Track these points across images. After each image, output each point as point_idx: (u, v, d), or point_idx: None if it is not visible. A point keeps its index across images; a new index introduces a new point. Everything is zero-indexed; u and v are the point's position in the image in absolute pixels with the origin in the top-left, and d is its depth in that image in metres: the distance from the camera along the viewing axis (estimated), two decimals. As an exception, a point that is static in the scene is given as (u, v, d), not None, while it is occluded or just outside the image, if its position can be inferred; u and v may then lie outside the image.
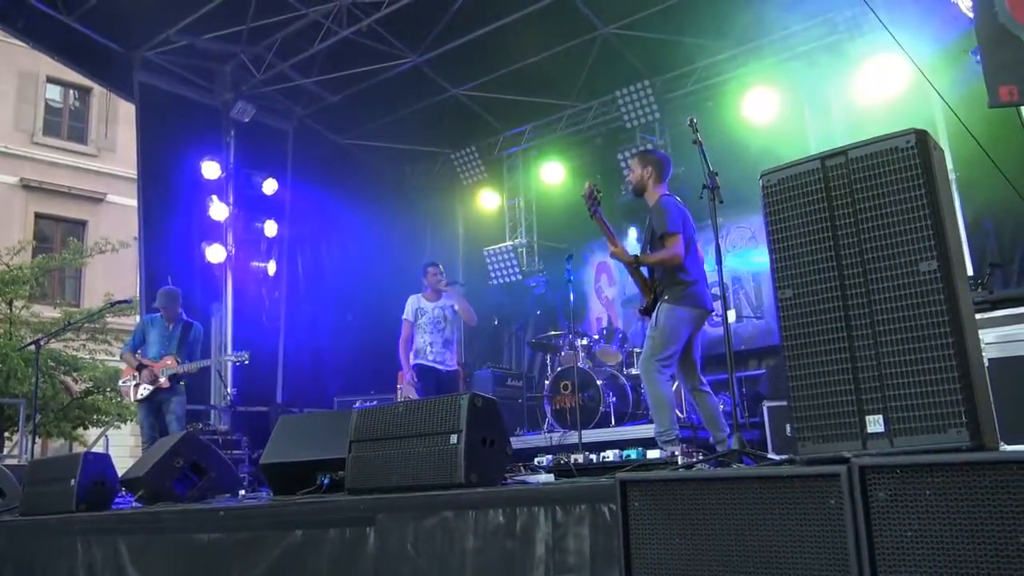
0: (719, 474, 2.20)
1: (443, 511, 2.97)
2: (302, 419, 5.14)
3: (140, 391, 7.31)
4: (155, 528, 4.08)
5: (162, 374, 7.28)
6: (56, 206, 20.51)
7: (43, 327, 13.66)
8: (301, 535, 3.38)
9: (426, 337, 7.28)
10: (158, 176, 9.64)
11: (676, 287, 4.80)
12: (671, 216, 4.84)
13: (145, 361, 7.40)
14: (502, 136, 11.26)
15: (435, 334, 7.29)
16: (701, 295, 4.84)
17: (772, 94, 8.88)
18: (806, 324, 2.22)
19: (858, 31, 8.21)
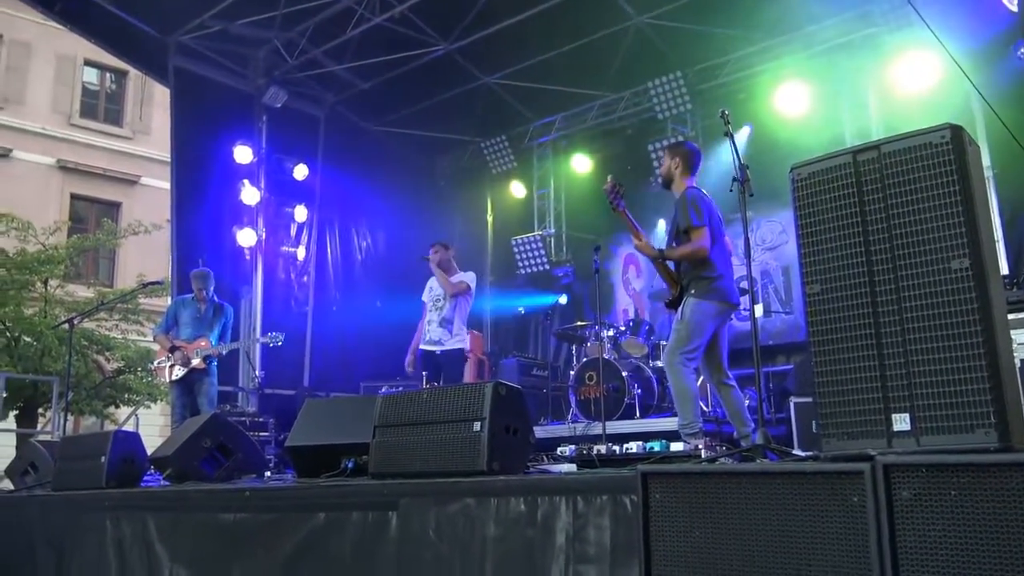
0: (742, 468, 2.19)
1: (465, 498, 2.99)
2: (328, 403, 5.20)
3: (175, 372, 7.41)
4: (182, 506, 4.14)
5: (196, 355, 7.37)
6: (91, 187, 20.80)
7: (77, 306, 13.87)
8: (324, 518, 3.42)
9: (427, 317, 7.15)
10: (191, 160, 9.75)
11: (702, 281, 4.73)
12: (697, 209, 4.75)
13: (178, 343, 7.49)
14: (532, 125, 11.24)
15: (433, 312, 7.12)
16: (727, 289, 4.76)
17: (805, 87, 8.77)
18: (834, 320, 2.19)
19: (895, 24, 8.09)
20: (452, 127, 11.44)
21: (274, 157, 10.53)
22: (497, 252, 11.93)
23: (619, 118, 10.51)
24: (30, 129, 20.01)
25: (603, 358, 7.51)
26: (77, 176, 20.53)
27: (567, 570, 2.66)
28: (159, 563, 4.02)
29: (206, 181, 9.82)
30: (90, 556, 4.47)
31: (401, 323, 11.14)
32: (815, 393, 2.22)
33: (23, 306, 13.99)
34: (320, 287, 10.98)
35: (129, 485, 4.91)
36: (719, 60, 9.50)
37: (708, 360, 4.83)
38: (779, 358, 8.93)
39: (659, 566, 2.22)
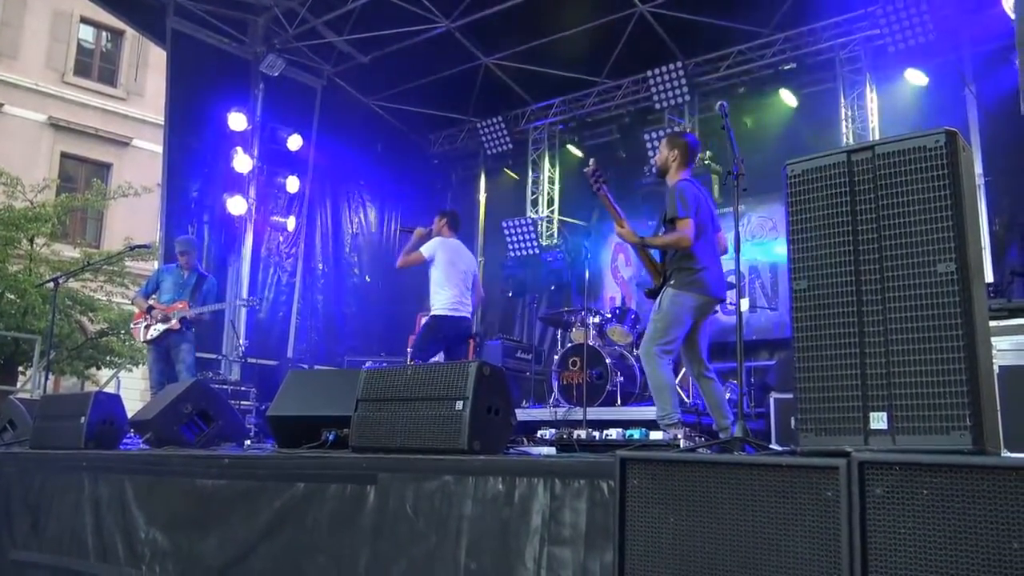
0: (720, 459, 2.21)
1: (444, 475, 3.01)
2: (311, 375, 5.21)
3: (151, 332, 7.36)
4: (161, 471, 4.15)
5: (173, 316, 7.32)
6: (82, 147, 20.62)
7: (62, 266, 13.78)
8: (303, 488, 3.43)
9: None
10: (185, 124, 9.68)
11: (682, 272, 4.71)
12: (683, 200, 4.70)
13: (157, 305, 7.45)
14: (530, 108, 11.22)
15: None
16: (707, 282, 4.72)
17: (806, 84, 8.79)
18: (818, 316, 2.21)
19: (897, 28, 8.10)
20: (449, 105, 11.39)
21: (269, 126, 10.48)
22: (488, 234, 11.92)
23: (616, 106, 10.50)
24: (22, 84, 19.79)
25: (588, 344, 7.54)
26: (68, 134, 20.34)
27: (541, 551, 2.69)
28: (135, 525, 4.03)
29: (199, 146, 9.76)
30: (66, 516, 4.48)
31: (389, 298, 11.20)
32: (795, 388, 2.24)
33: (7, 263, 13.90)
34: (308, 259, 10.96)
35: (108, 447, 4.91)
36: (721, 52, 9.50)
37: (688, 352, 4.82)
38: (762, 353, 8.98)
39: (633, 551, 2.24)
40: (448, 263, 6.35)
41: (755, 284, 9.27)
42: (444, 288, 6.31)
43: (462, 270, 6.42)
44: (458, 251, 6.50)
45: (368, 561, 3.12)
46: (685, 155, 4.97)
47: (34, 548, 4.62)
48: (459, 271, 6.39)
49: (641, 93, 10.08)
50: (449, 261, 6.36)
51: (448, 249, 6.41)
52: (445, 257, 6.36)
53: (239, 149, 10.01)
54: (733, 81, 9.49)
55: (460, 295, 6.35)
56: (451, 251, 6.42)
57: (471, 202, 12.13)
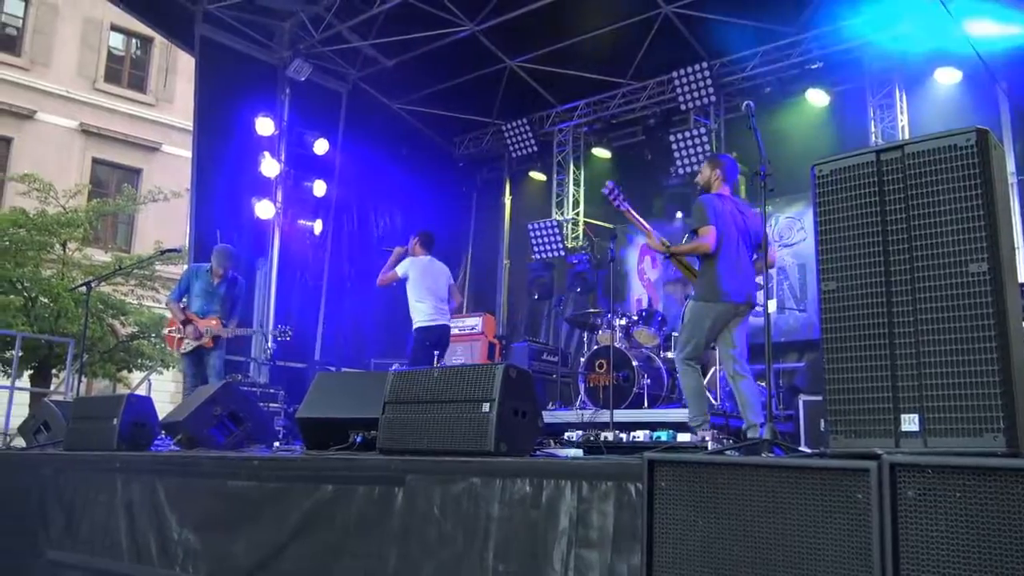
0: (749, 461, 2.20)
1: (471, 477, 3.02)
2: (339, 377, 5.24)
3: (184, 345, 7.49)
4: (192, 472, 4.20)
5: (207, 333, 7.45)
6: (113, 152, 20.92)
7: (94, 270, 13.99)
8: (332, 490, 3.46)
9: None
10: (213, 129, 9.78)
11: (700, 280, 4.95)
12: (702, 211, 4.93)
13: (191, 316, 7.54)
14: (555, 111, 11.22)
15: None
16: (723, 289, 4.85)
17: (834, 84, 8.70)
18: (847, 317, 2.20)
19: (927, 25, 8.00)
20: (474, 108, 11.42)
21: (295, 130, 10.55)
22: (513, 236, 11.94)
23: (642, 107, 10.47)
24: (55, 91, 20.11)
25: (614, 346, 7.52)
26: (99, 140, 20.65)
27: (569, 553, 2.69)
28: (168, 526, 4.09)
29: (227, 151, 9.85)
30: (100, 516, 4.54)
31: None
32: (825, 390, 2.23)
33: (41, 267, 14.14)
34: (335, 263, 11.02)
35: (140, 448, 4.97)
36: (746, 53, 9.43)
37: (722, 351, 5.04)
38: (791, 355, 8.92)
39: (661, 553, 2.24)
40: (419, 280, 7.23)
41: (783, 285, 9.21)
42: (420, 302, 7.20)
43: (432, 284, 7.26)
44: (427, 268, 7.31)
45: (396, 563, 3.14)
46: (725, 173, 5.23)
47: (69, 548, 4.70)
48: (429, 286, 7.23)
49: (667, 94, 10.05)
50: (419, 278, 7.23)
51: (417, 267, 7.26)
52: (415, 275, 7.24)
53: (266, 154, 10.10)
54: (759, 81, 9.43)
55: (435, 306, 7.21)
56: (420, 269, 7.26)
57: (496, 205, 12.16)
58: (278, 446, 5.22)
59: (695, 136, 9.37)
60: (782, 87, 9.23)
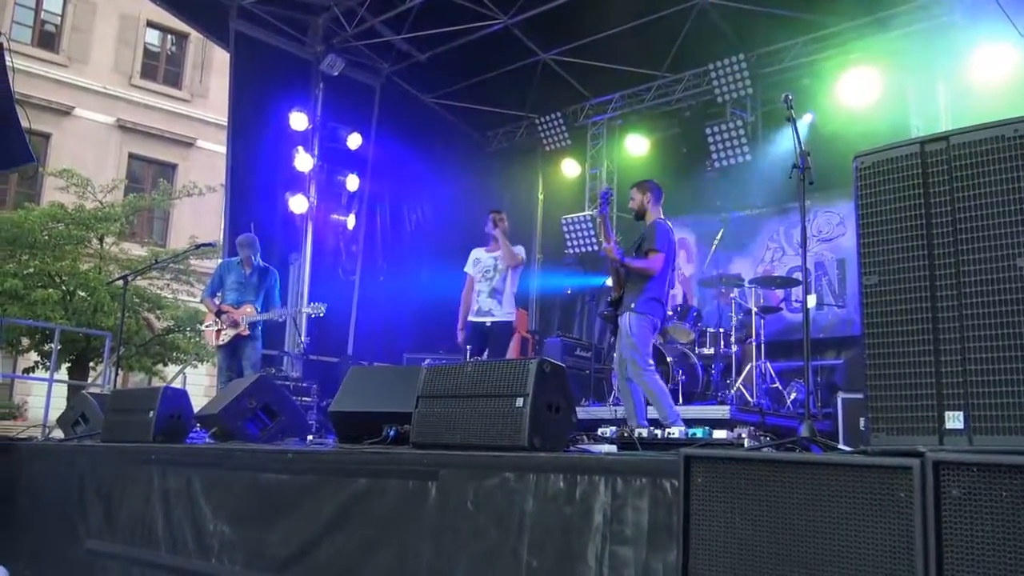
0: (787, 457, 2.18)
1: (505, 472, 3.02)
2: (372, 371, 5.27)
3: (221, 336, 7.59)
4: (227, 464, 4.26)
5: (242, 321, 7.52)
6: (149, 148, 21.26)
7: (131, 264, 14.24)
8: (365, 483, 3.48)
9: (477, 287, 7.09)
10: (247, 124, 9.90)
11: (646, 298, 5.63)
12: (661, 237, 5.68)
13: (224, 307, 7.64)
14: (588, 104, 11.18)
15: (483, 283, 7.06)
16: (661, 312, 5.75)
17: (872, 74, 8.56)
18: (890, 312, 2.17)
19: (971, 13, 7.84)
20: (507, 102, 11.42)
21: (329, 125, 10.64)
22: (546, 230, 11.93)
23: (677, 100, 10.40)
24: (92, 88, 20.48)
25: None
26: (135, 136, 20.99)
27: (603, 550, 2.68)
28: (203, 518, 4.15)
29: (261, 146, 9.96)
30: (137, 507, 4.63)
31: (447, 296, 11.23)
32: (866, 386, 2.20)
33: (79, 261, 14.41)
34: (368, 257, 11.10)
35: (175, 440, 5.05)
36: (784, 44, 9.32)
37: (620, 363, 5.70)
38: (829, 352, 8.82)
39: (697, 550, 2.23)
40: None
41: (821, 281, 9.11)
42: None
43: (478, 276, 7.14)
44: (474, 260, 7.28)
45: (430, 557, 3.16)
46: (656, 196, 5.94)
47: (107, 538, 4.79)
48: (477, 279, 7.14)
49: (703, 86, 9.96)
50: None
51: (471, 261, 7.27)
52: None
53: (300, 148, 10.20)
54: (798, 72, 9.31)
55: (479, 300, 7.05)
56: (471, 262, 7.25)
57: (529, 199, 12.16)
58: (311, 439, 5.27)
59: (732, 129, 9.28)
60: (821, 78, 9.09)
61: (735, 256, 9.75)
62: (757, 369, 7.57)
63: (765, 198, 9.61)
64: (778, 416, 7.18)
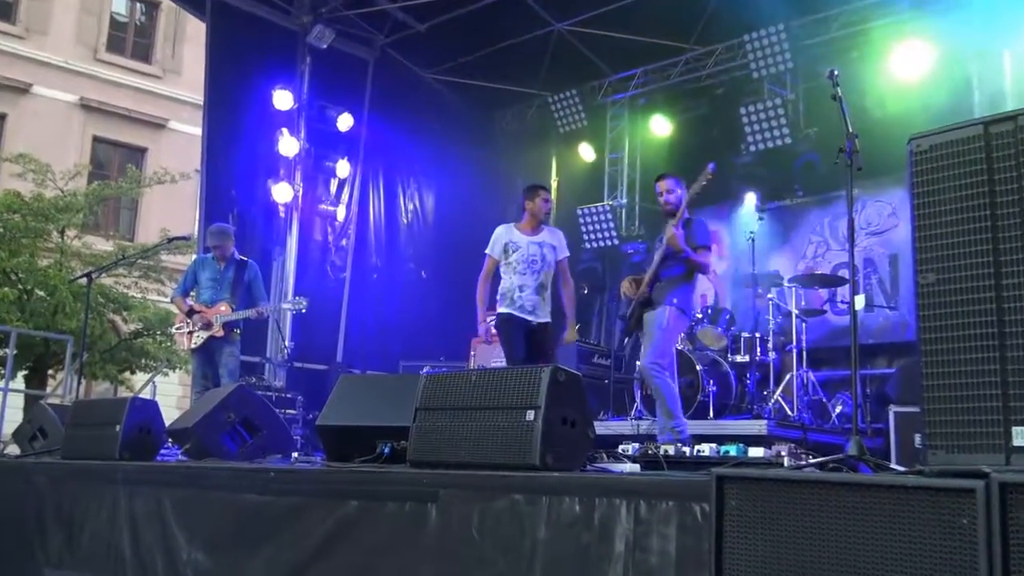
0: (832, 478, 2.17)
1: (513, 494, 3.02)
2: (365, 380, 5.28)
3: (194, 339, 7.57)
4: (201, 484, 4.26)
5: (215, 321, 7.50)
6: (115, 130, 21.34)
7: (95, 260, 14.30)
8: (357, 506, 3.48)
9: (515, 279, 6.45)
10: (226, 103, 9.92)
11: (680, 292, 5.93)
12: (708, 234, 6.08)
13: (196, 306, 7.64)
14: (608, 80, 11.17)
15: (528, 275, 6.45)
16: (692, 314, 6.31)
17: (929, 47, 8.51)
18: (949, 315, 2.15)
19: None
20: (517, 78, 11.42)
21: (316, 104, 10.66)
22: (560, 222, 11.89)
23: (708, 75, 10.38)
24: (52, 63, 20.56)
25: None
26: (100, 117, 21.07)
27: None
28: (176, 544, 4.16)
29: (241, 128, 9.99)
30: (102, 531, 4.64)
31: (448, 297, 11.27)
32: (921, 399, 2.19)
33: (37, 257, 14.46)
34: (360, 252, 11.12)
35: (144, 458, 5.06)
36: (829, 12, 9.28)
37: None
38: (879, 360, 8.79)
39: (730, 583, 2.22)
40: None
41: (871, 279, 9.07)
42: None
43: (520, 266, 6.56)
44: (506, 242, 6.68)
45: (429, 588, 3.16)
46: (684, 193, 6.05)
47: (68, 566, 4.80)
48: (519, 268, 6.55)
49: (736, 61, 9.94)
50: None
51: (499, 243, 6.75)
52: None
53: (285, 130, 10.22)
54: (845, 44, 9.27)
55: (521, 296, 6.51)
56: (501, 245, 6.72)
57: (541, 187, 12.14)
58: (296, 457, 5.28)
59: (769, 108, 9.26)
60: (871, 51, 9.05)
61: (773, 252, 9.72)
62: (798, 379, 7.55)
63: (807, 186, 9.59)
64: (822, 432, 7.16)
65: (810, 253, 9.70)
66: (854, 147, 4.08)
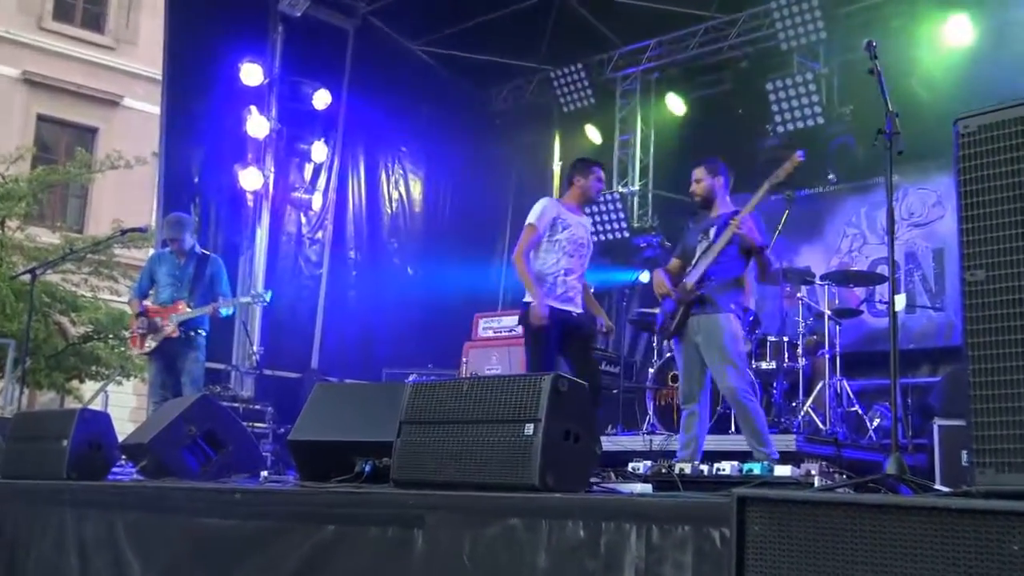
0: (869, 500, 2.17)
1: (510, 518, 3.02)
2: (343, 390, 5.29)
3: (148, 342, 7.56)
4: (159, 507, 4.26)
5: (171, 321, 7.47)
6: (63, 108, 21.30)
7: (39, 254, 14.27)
8: (333, 531, 3.48)
9: (563, 260, 6.16)
10: (187, 78, 9.92)
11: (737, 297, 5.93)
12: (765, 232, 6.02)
13: (151, 307, 7.63)
14: (617, 53, 11.18)
15: (576, 259, 6.23)
16: None
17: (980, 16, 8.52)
18: (1000, 317, 2.15)
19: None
20: (515, 51, 11.43)
21: (289, 80, 10.65)
22: (563, 213, 11.93)
23: (730, 47, 10.39)
24: (-9, 33, 20.51)
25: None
26: (46, 93, 21.04)
27: (635, 616, 2.68)
28: (130, 573, 4.15)
29: (204, 106, 9.98)
30: (48, 558, 4.64)
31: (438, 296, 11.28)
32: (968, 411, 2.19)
33: (-26, 251, 14.44)
34: (338, 246, 11.12)
35: (95, 477, 5.06)
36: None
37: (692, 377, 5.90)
38: (922, 367, 8.81)
39: (753, 617, 2.22)
40: None
41: (913, 276, 9.08)
42: None
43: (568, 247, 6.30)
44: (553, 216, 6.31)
45: (415, 624, 3.16)
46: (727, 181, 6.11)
47: (9, 598, 4.81)
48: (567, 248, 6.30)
49: (762, 31, 9.96)
50: None
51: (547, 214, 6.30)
52: None
53: (253, 109, 10.21)
54: (886, 11, 9.28)
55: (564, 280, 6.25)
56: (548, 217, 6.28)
57: (542, 172, 12.17)
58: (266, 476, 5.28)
59: (800, 84, 9.27)
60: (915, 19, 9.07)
61: (803, 245, 9.73)
62: (831, 388, 7.55)
63: (842, 172, 9.58)
64: (857, 448, 7.17)
65: (845, 247, 9.72)
66: (894, 128, 4.09)
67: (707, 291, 5.75)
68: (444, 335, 10.43)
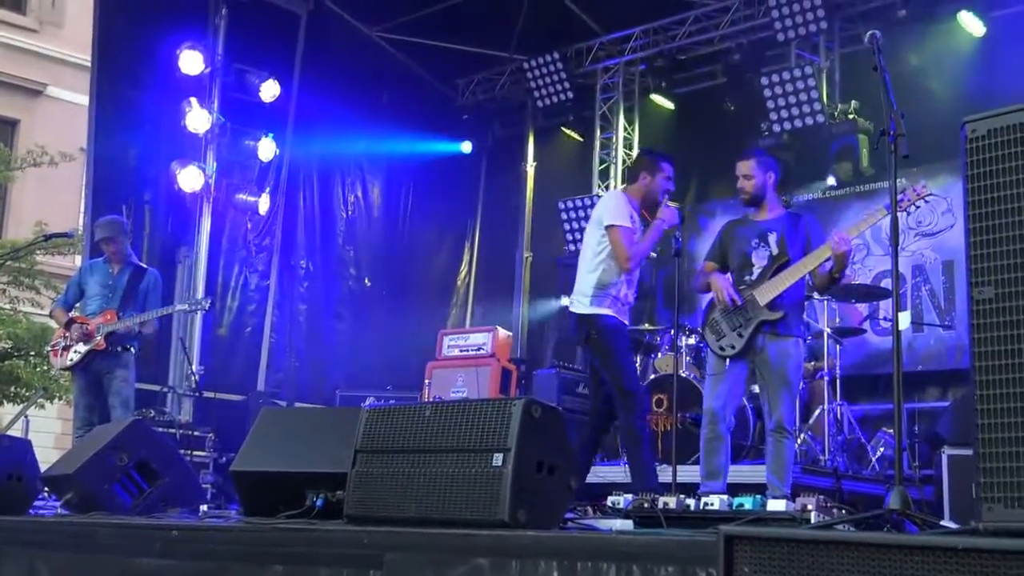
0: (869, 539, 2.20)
1: (477, 557, 3.03)
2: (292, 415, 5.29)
3: (70, 356, 7.48)
4: (86, 545, 4.23)
5: (98, 331, 7.40)
6: (-22, 98, 21.11)
7: (-49, 262, 14.13)
8: (281, 572, 3.48)
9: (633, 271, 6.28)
10: (119, 65, 9.87)
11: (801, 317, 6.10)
12: None
13: (78, 317, 7.56)
14: (598, 42, 11.22)
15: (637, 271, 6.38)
16: None
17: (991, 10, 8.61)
18: (1010, 338, 2.18)
19: None
20: (485, 39, 11.44)
21: (233, 68, 10.60)
22: (538, 218, 11.95)
23: (722, 37, 10.44)
24: (-103, 12, 20.32)
25: (679, 375, 7.51)
26: (-41, 81, 20.84)
27: (614, 666, 2.70)
28: (52, 619, 4.13)
29: (138, 97, 9.93)
30: (-42, 604, 4.59)
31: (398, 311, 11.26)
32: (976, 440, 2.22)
33: None
34: (287, 254, 11.07)
35: (14, 512, 5.02)
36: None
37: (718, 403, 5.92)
38: (930, 391, 8.85)
39: (743, 667, 2.24)
40: None
41: (920, 291, 9.14)
42: None
43: None
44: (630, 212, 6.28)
45: (371, 676, 3.16)
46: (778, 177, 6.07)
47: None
48: None
49: (757, 19, 10.02)
50: None
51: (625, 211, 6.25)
52: None
53: (193, 101, 10.15)
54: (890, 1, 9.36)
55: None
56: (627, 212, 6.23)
57: (514, 173, 12.19)
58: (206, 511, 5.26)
59: (798, 79, 9.33)
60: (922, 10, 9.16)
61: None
62: (830, 414, 7.59)
63: (843, 176, 9.66)
64: (858, 480, 7.20)
65: (846, 258, 9.77)
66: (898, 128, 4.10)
67: (783, 311, 5.72)
68: (405, 354, 10.43)
